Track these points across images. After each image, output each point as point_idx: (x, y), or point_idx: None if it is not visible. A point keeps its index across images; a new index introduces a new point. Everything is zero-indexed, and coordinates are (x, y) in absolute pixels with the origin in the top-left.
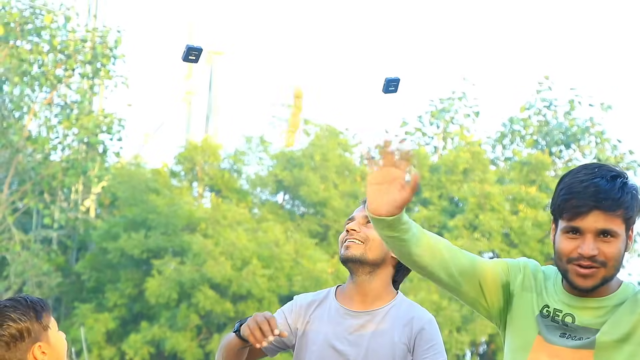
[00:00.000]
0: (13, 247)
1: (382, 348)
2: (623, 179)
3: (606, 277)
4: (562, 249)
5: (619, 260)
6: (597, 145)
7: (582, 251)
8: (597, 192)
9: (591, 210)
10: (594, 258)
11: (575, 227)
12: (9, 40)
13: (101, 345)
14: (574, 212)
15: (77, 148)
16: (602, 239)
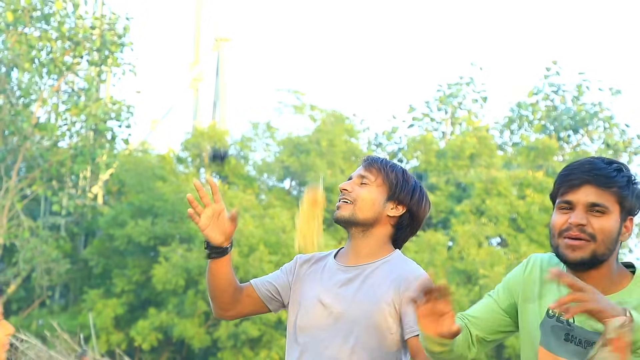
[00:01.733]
0: (22, 233)
1: (366, 302)
2: (620, 166)
3: (596, 253)
4: (554, 223)
5: (611, 238)
6: (606, 130)
7: (571, 220)
8: (591, 168)
9: (584, 184)
10: (582, 228)
11: (568, 201)
12: (18, 27)
13: (109, 331)
14: (568, 186)
15: (85, 135)
16: (593, 214)
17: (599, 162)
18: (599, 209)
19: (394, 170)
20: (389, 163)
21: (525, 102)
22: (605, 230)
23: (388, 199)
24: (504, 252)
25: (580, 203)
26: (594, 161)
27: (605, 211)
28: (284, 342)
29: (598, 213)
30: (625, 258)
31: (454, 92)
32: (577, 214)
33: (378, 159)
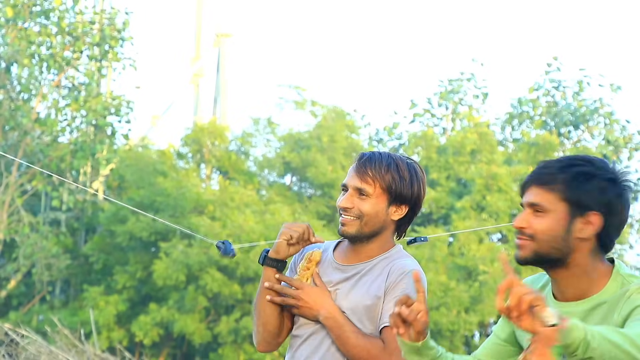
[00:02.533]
0: (22, 229)
1: (359, 297)
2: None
3: (539, 252)
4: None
5: (554, 237)
6: (606, 126)
7: (513, 223)
8: (537, 168)
9: (530, 185)
10: (520, 230)
11: (521, 203)
12: (17, 23)
13: (110, 327)
14: (522, 189)
15: (86, 130)
16: (534, 213)
17: (553, 161)
18: (538, 208)
19: (388, 172)
20: (382, 165)
21: (525, 98)
22: (545, 230)
23: (390, 204)
24: (505, 248)
25: (525, 204)
26: (546, 162)
27: (544, 210)
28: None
29: (538, 213)
30: (625, 255)
31: (455, 87)
32: (519, 216)
33: (370, 164)
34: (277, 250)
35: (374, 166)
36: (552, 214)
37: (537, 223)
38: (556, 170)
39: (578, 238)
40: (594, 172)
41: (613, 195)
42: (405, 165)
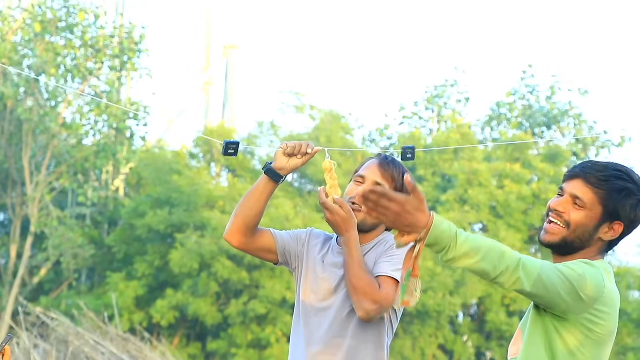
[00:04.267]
0: (51, 222)
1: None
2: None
3: (566, 240)
4: (548, 204)
5: (583, 231)
6: (575, 126)
7: (552, 204)
8: (589, 166)
9: (576, 177)
10: (559, 213)
11: (561, 187)
12: (45, 37)
13: (131, 310)
14: (567, 175)
15: (107, 133)
16: (574, 205)
17: (607, 164)
18: (579, 202)
19: (402, 176)
20: (402, 170)
21: (503, 102)
22: (579, 222)
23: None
24: (485, 236)
25: (567, 192)
26: (599, 163)
27: (583, 206)
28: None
29: (577, 205)
30: None
31: (440, 93)
32: (559, 200)
33: (394, 164)
34: (275, 158)
35: (397, 169)
36: (589, 211)
37: (575, 214)
38: (606, 177)
39: (599, 238)
40: (633, 190)
41: (639, 213)
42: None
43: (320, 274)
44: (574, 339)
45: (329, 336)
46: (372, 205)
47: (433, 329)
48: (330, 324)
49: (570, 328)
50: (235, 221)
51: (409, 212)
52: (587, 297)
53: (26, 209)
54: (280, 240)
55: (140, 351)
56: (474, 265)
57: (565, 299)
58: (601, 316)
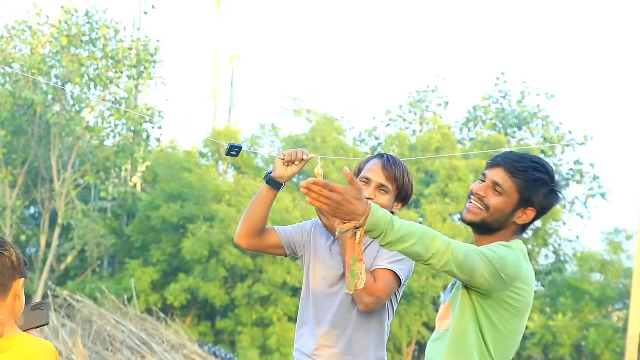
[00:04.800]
0: (76, 215)
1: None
2: (541, 167)
3: (485, 221)
4: (471, 187)
5: (501, 215)
6: (543, 127)
7: (474, 188)
8: (511, 157)
9: (498, 165)
10: (480, 197)
11: (484, 173)
12: (70, 49)
13: (147, 293)
14: (489, 163)
15: (126, 135)
16: (494, 191)
17: (525, 156)
18: (498, 188)
19: (403, 175)
20: (403, 169)
21: (479, 105)
22: (497, 207)
23: (395, 199)
24: (464, 226)
25: (489, 179)
26: (520, 154)
27: (502, 192)
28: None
29: (497, 192)
30: (560, 230)
31: (422, 97)
32: (481, 185)
33: (395, 165)
34: (274, 168)
35: (399, 171)
36: (507, 198)
37: (494, 199)
38: (524, 167)
39: (514, 221)
40: (547, 180)
41: (549, 202)
42: (410, 174)
43: (329, 261)
44: (497, 314)
45: (336, 318)
46: (315, 195)
47: (418, 308)
48: (338, 307)
49: (493, 304)
50: (243, 227)
51: (349, 202)
52: (507, 277)
53: (54, 203)
54: (284, 236)
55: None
56: (409, 249)
57: (488, 279)
58: (519, 292)
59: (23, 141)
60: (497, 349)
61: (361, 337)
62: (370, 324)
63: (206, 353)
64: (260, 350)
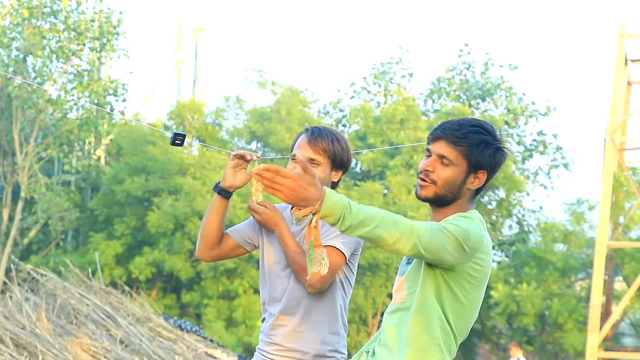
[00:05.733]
0: (39, 188)
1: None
2: (481, 129)
3: (438, 194)
4: (419, 165)
5: (452, 185)
6: (507, 98)
7: (421, 165)
8: (449, 127)
9: (440, 139)
10: (427, 173)
11: (428, 149)
12: (32, 21)
13: (112, 267)
14: (430, 138)
15: (90, 108)
16: (442, 164)
17: (464, 122)
18: (445, 160)
19: (333, 143)
20: (332, 138)
21: (443, 77)
22: (446, 178)
23: (332, 169)
24: None
25: (434, 153)
26: (458, 122)
27: (450, 163)
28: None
29: (444, 164)
30: (523, 201)
31: (387, 69)
32: (428, 162)
33: (321, 136)
34: (224, 178)
35: (325, 140)
36: (456, 167)
37: (442, 171)
38: (464, 134)
39: (468, 188)
40: (490, 141)
41: (497, 160)
42: (345, 139)
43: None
44: (459, 286)
45: (289, 298)
46: (268, 182)
47: (383, 280)
48: (290, 288)
49: (456, 277)
50: (202, 242)
51: (303, 187)
52: (470, 248)
53: (17, 177)
54: (237, 235)
55: (121, 303)
56: (370, 233)
57: (453, 254)
58: (480, 263)
59: None
60: (458, 321)
61: (314, 313)
62: (322, 301)
63: (172, 326)
64: (226, 323)
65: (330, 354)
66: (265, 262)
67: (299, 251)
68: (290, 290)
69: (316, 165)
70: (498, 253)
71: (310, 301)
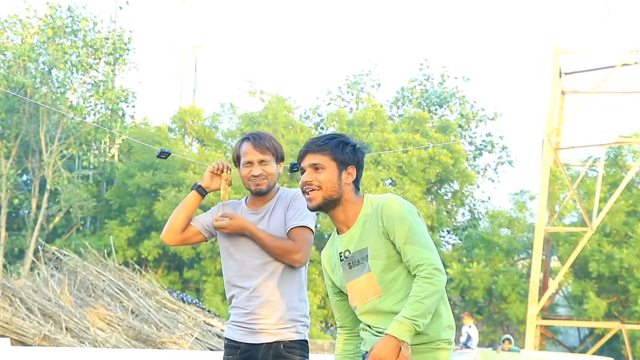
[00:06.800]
0: (62, 181)
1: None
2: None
3: (325, 197)
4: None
5: (332, 184)
6: (460, 105)
7: (300, 182)
8: (309, 142)
9: (306, 154)
10: (310, 183)
11: (301, 167)
12: (55, 39)
13: (124, 248)
14: (299, 157)
15: (104, 113)
16: (317, 172)
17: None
18: (318, 166)
19: (272, 141)
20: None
21: (406, 87)
22: (326, 180)
23: (276, 162)
24: (394, 189)
25: (307, 166)
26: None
27: (322, 167)
28: None
29: (318, 170)
30: (475, 192)
31: (358, 80)
32: (305, 175)
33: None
34: (202, 179)
35: (267, 143)
36: (328, 169)
37: (320, 177)
38: (324, 141)
39: (345, 183)
40: (346, 141)
41: (358, 155)
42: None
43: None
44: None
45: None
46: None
47: None
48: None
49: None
50: (169, 228)
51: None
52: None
53: (43, 172)
54: (198, 223)
55: (132, 279)
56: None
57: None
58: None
59: (15, 118)
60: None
61: (285, 285)
62: (291, 273)
63: (175, 299)
64: (222, 297)
65: (300, 318)
66: (231, 249)
67: (274, 239)
68: (264, 266)
69: (266, 164)
70: (452, 237)
71: (281, 275)
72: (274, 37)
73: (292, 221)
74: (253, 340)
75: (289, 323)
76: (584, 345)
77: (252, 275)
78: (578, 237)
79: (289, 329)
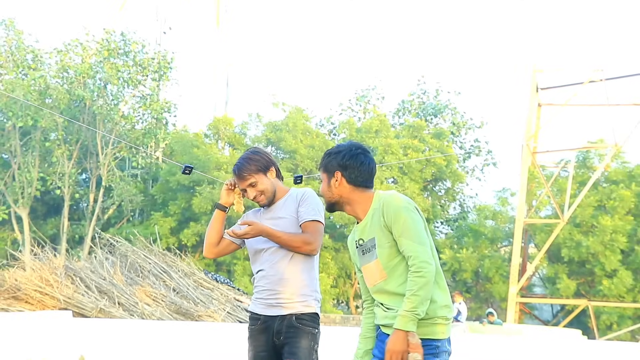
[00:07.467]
0: (115, 179)
1: (284, 221)
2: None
3: (328, 202)
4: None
5: (326, 191)
6: (452, 115)
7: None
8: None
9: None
10: (319, 194)
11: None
12: (110, 59)
13: (167, 236)
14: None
15: (151, 122)
16: (321, 182)
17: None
18: (322, 178)
19: (249, 163)
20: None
21: (406, 100)
22: (322, 190)
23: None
24: (396, 187)
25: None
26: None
27: (321, 179)
28: None
29: (322, 182)
30: (464, 189)
31: (365, 93)
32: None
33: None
34: (220, 198)
35: (244, 169)
36: (323, 180)
37: (323, 186)
38: (321, 158)
39: (336, 188)
40: (332, 152)
41: (345, 161)
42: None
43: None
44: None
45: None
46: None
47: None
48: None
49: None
50: (209, 243)
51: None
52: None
53: (99, 171)
54: (229, 236)
55: (174, 262)
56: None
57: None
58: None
59: (76, 126)
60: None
61: (298, 264)
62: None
63: (210, 279)
64: (250, 277)
65: (311, 293)
66: (255, 245)
67: (290, 235)
68: (276, 251)
69: (255, 185)
70: (445, 227)
71: (294, 257)
72: (293, 56)
73: (304, 215)
74: (271, 312)
75: (301, 297)
76: (556, 319)
77: (270, 259)
78: (552, 227)
79: (302, 302)
